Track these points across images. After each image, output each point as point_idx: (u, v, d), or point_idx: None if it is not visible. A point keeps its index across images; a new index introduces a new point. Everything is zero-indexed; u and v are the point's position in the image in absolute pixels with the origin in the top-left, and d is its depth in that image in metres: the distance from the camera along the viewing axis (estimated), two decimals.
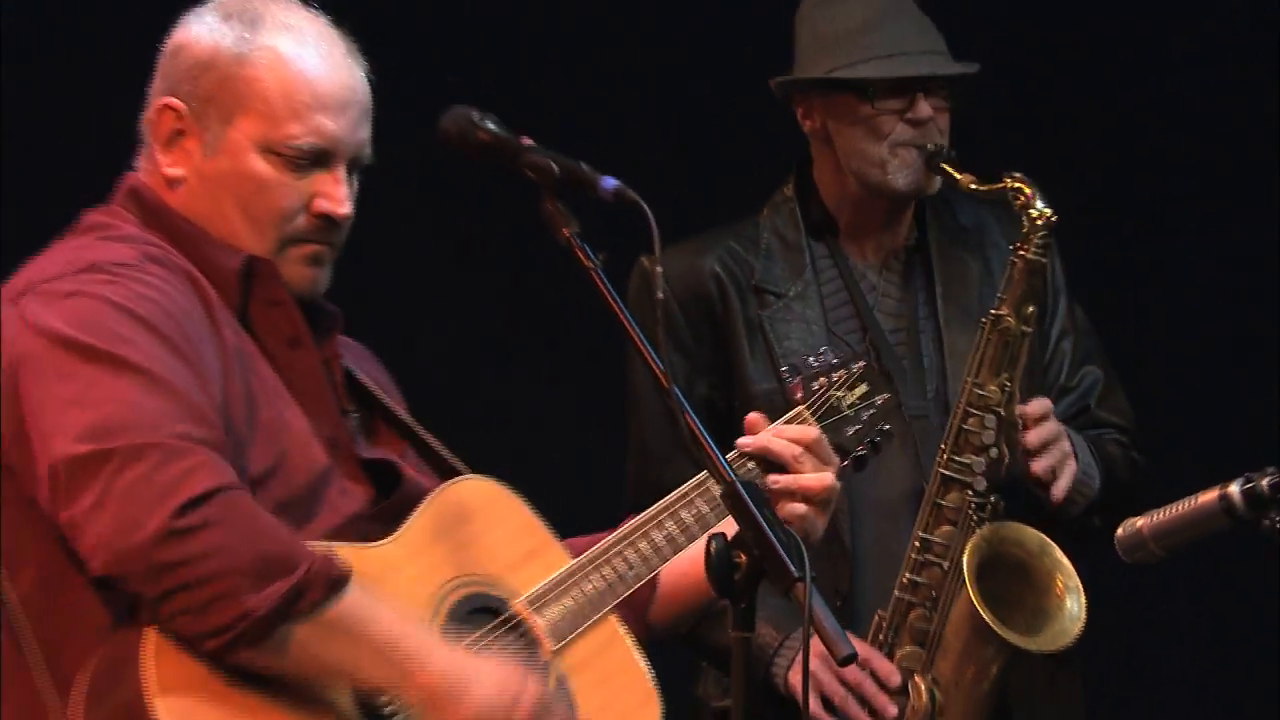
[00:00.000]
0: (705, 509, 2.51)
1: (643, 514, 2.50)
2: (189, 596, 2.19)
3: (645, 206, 2.21)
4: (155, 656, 2.23)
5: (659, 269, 2.64)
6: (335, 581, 2.23)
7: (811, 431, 2.62)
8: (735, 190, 3.55)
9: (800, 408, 2.69)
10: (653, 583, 2.53)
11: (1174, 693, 4.56)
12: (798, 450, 2.57)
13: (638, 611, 2.54)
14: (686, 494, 2.50)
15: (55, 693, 2.29)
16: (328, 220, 2.42)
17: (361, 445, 2.55)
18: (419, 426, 2.63)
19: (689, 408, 2.24)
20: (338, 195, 2.42)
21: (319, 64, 2.44)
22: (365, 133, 2.48)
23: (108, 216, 2.45)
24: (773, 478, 2.54)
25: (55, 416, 2.27)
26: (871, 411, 2.77)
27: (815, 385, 2.77)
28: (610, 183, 2.26)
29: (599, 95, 4.49)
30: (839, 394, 2.76)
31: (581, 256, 2.26)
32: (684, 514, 2.52)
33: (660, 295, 2.94)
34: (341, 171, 2.43)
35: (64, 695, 2.27)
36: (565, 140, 2.39)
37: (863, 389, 2.78)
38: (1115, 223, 4.06)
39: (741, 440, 2.61)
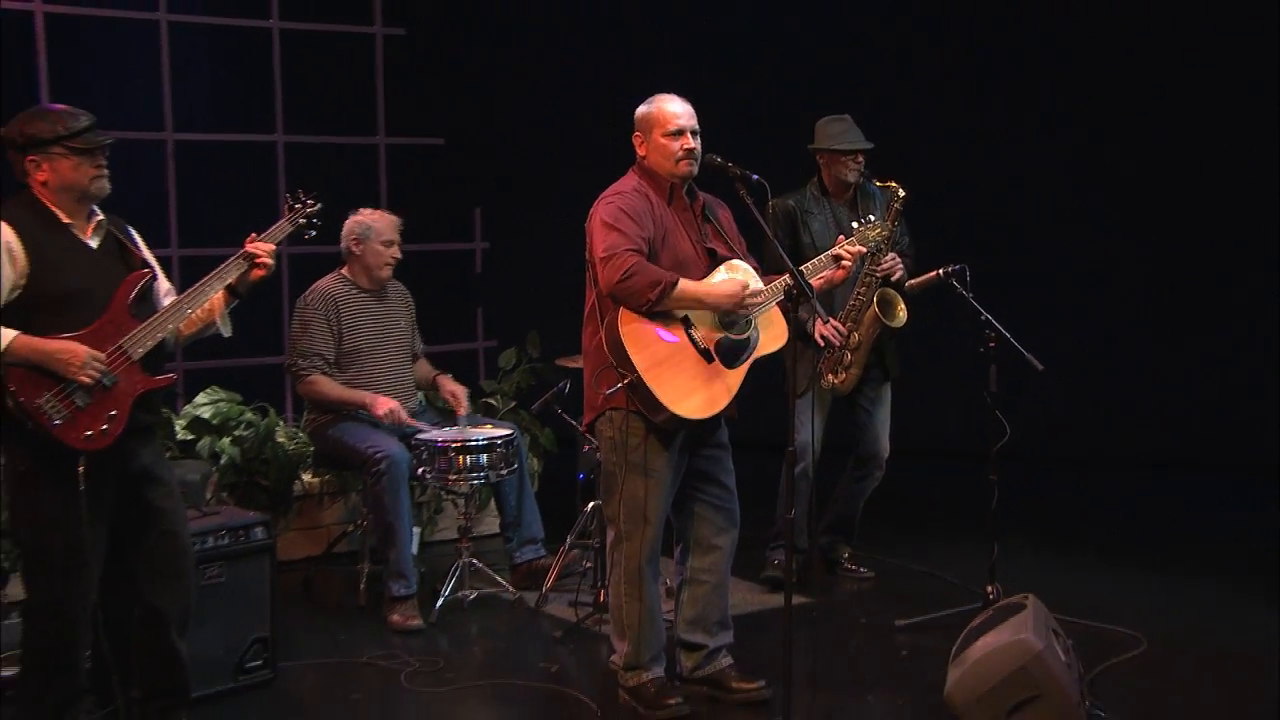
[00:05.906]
0: (789, 280, 4.28)
1: (783, 276, 4.35)
2: (630, 298, 4.28)
3: (767, 185, 4.28)
4: (621, 315, 4.31)
5: (771, 203, 4.70)
6: (676, 283, 4.26)
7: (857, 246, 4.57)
8: (795, 178, 5.88)
9: (855, 235, 4.69)
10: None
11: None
12: (852, 248, 4.55)
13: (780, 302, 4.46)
14: (784, 274, 4.29)
15: (600, 325, 4.38)
16: (688, 150, 4.45)
17: (708, 243, 4.50)
18: (727, 233, 4.51)
19: (782, 250, 4.30)
20: (690, 141, 4.42)
21: (674, 104, 4.48)
22: (696, 120, 4.44)
23: (631, 173, 4.49)
24: (838, 253, 4.53)
25: (596, 244, 4.36)
26: (878, 239, 4.84)
27: (857, 226, 4.72)
28: (755, 176, 4.30)
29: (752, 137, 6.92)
30: (866, 231, 4.75)
31: (749, 202, 4.30)
32: (787, 278, 4.28)
33: (771, 212, 5.36)
34: (689, 133, 4.45)
35: (600, 322, 4.36)
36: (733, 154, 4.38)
37: (879, 229, 4.78)
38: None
39: (843, 239, 4.62)
